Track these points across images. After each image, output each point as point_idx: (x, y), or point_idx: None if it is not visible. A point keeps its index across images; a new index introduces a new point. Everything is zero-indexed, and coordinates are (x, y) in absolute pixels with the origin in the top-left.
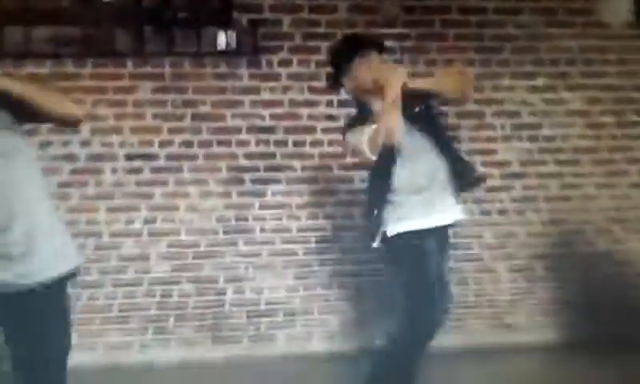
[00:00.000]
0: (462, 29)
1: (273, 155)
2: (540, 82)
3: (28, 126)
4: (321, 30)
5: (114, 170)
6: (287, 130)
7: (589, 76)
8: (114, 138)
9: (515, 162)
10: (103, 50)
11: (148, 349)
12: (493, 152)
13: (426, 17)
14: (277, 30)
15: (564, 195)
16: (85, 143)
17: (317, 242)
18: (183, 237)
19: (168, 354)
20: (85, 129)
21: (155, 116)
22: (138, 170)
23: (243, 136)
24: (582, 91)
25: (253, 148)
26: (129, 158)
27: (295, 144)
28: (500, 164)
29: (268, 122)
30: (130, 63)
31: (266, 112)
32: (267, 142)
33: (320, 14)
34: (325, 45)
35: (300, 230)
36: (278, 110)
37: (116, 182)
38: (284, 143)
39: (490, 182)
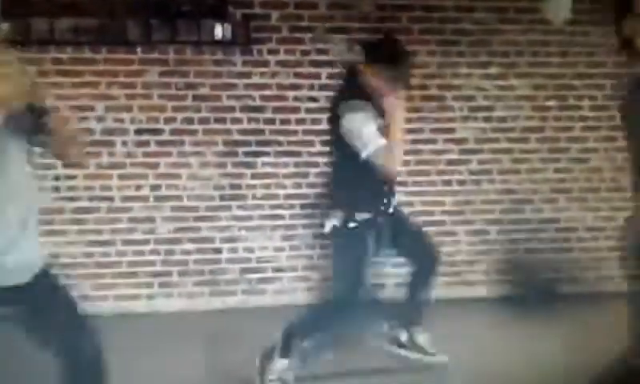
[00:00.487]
0: (426, 24)
1: (262, 131)
2: (493, 70)
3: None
4: (304, 23)
5: (125, 143)
6: (275, 110)
7: (535, 66)
8: (125, 115)
9: (472, 139)
10: (116, 39)
11: (154, 300)
12: (452, 130)
13: (395, 13)
14: (266, 23)
15: (514, 168)
16: (100, 119)
17: (301, 207)
18: (185, 202)
19: (171, 305)
20: (100, 107)
21: (161, 96)
22: (145, 143)
23: (237, 114)
24: (529, 79)
25: (245, 125)
26: (138, 132)
27: (282, 122)
28: (458, 141)
29: (258, 103)
30: (139, 50)
31: (256, 94)
32: (257, 120)
33: (303, 10)
34: (308, 37)
35: (286, 197)
36: (267, 93)
37: (127, 153)
38: (272, 121)
39: (450, 156)
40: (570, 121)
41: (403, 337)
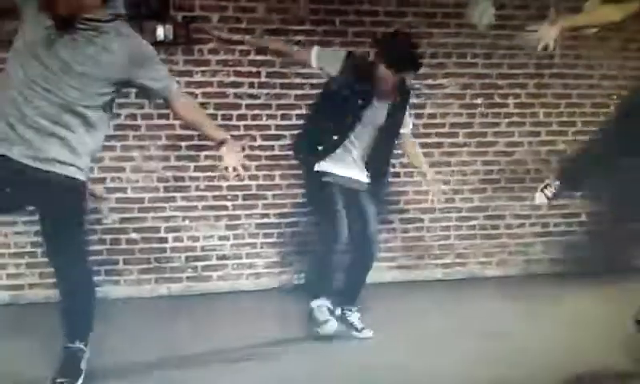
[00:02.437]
0: (359, 27)
1: None
2: (423, 70)
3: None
4: (243, 26)
5: None
6: (217, 106)
7: (462, 66)
8: None
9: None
10: None
11: (100, 288)
12: None
13: (329, 17)
14: (207, 25)
15: (444, 161)
16: None
17: (244, 198)
18: (129, 193)
19: (118, 292)
20: None
21: None
22: None
23: None
24: (456, 78)
25: None
26: None
27: (224, 117)
28: None
29: (200, 99)
30: None
31: (198, 91)
32: None
33: (242, 13)
34: (247, 38)
35: (229, 188)
36: (209, 90)
37: None
38: (214, 117)
39: None
40: (496, 117)
41: (337, 311)
